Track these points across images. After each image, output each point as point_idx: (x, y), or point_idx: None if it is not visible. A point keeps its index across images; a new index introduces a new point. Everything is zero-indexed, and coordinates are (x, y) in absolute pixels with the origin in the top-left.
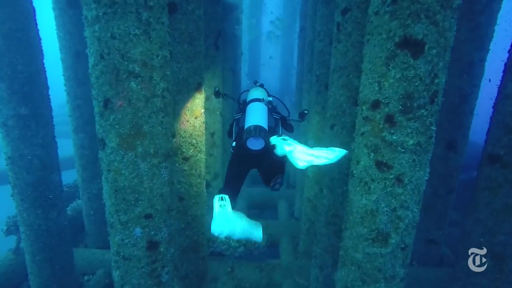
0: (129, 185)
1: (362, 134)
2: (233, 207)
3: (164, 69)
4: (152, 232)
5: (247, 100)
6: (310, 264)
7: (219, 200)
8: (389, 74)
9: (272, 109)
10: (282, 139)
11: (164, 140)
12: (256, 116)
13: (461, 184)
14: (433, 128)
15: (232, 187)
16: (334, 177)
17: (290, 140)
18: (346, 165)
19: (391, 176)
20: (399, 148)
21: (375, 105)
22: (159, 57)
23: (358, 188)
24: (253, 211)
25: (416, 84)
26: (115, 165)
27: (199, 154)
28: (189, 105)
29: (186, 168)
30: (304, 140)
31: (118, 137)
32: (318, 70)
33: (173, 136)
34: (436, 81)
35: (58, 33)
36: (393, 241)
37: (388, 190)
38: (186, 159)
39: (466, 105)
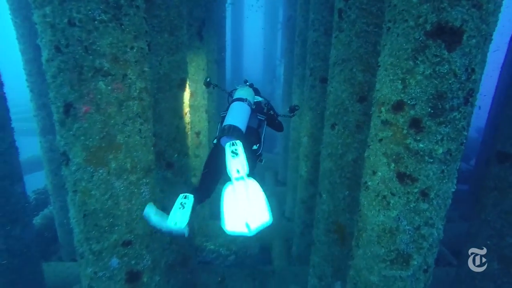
0: (102, 208)
1: (380, 140)
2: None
3: (141, 64)
4: (133, 261)
5: (232, 99)
6: (305, 271)
7: (181, 198)
8: (416, 70)
9: (257, 110)
10: None
11: (144, 151)
12: (234, 116)
13: None
14: (465, 133)
15: (205, 187)
16: (335, 181)
17: None
18: (348, 168)
19: (416, 190)
20: (426, 157)
21: (398, 106)
22: (134, 50)
23: (374, 203)
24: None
25: (450, 81)
26: (82, 184)
27: (183, 159)
28: (172, 104)
29: (170, 175)
30: (296, 137)
31: (84, 150)
32: (312, 63)
33: (154, 145)
34: (473, 77)
35: (13, 20)
36: (415, 262)
37: (411, 206)
38: (169, 165)
39: None
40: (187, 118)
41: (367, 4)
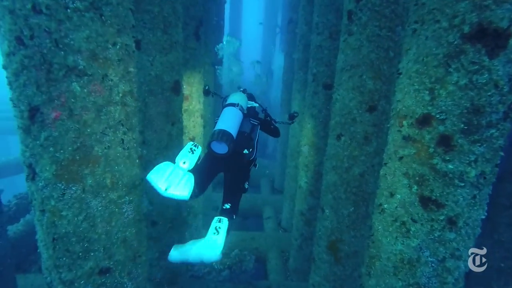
0: (75, 231)
1: (401, 158)
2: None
3: (126, 63)
4: None
5: (225, 104)
6: (302, 287)
7: (192, 145)
8: (448, 79)
9: (250, 115)
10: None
11: (127, 165)
12: (225, 121)
13: None
14: (501, 153)
15: (199, 182)
16: (339, 197)
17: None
18: (354, 183)
19: (442, 218)
20: (456, 181)
21: (424, 121)
22: (117, 47)
23: (391, 229)
24: (236, 219)
25: (489, 93)
26: (51, 203)
27: None
28: (163, 109)
29: None
30: (295, 145)
31: (54, 164)
32: (315, 68)
33: (140, 156)
34: None
35: None
36: None
37: (435, 235)
38: None
39: None
40: (180, 124)
41: (380, 5)
